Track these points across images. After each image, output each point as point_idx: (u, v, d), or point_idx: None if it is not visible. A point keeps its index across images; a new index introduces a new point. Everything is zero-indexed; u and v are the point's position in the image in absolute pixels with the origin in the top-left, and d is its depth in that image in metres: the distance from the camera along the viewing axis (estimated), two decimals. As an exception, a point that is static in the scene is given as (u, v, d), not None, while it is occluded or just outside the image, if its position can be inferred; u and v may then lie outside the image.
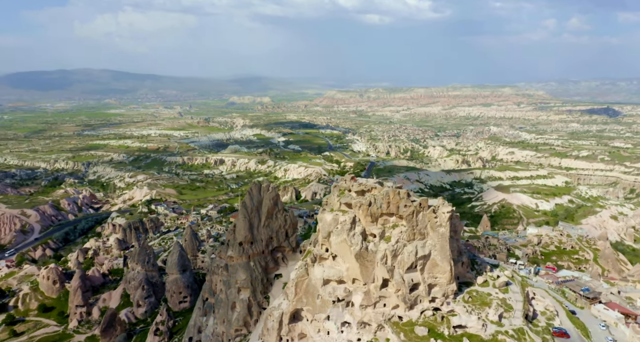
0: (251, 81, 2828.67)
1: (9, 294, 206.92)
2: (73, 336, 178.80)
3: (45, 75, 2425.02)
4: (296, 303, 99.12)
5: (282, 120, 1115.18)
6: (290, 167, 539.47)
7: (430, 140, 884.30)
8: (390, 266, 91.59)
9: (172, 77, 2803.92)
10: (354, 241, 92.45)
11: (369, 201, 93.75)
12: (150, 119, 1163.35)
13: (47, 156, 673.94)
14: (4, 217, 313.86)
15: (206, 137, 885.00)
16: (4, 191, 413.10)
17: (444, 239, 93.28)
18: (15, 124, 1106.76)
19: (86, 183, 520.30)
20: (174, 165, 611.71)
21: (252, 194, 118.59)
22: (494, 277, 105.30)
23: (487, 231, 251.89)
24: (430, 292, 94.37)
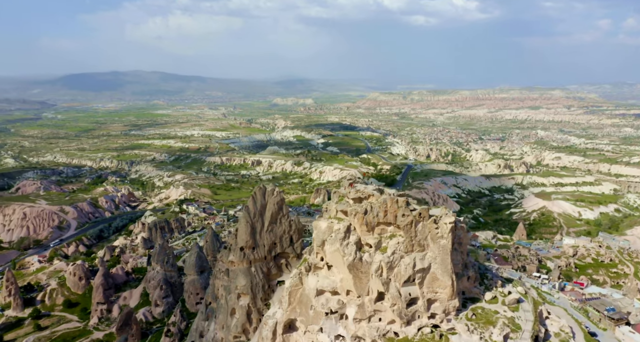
0: (295, 83, 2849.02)
1: (37, 289, 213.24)
2: (92, 332, 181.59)
3: (98, 76, 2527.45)
4: (290, 313, 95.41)
5: (322, 122, 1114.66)
6: (326, 169, 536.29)
7: (474, 143, 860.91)
8: (385, 278, 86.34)
9: (217, 78, 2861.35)
10: (347, 251, 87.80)
11: (365, 209, 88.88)
12: (195, 120, 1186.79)
13: (93, 155, 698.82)
14: (43, 214, 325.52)
15: (247, 138, 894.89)
16: (48, 188, 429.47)
17: (445, 251, 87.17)
18: (67, 123, 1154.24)
19: (127, 182, 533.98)
20: (213, 165, 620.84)
21: (255, 198, 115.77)
22: (504, 293, 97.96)
23: (520, 240, 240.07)
24: (430, 308, 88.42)
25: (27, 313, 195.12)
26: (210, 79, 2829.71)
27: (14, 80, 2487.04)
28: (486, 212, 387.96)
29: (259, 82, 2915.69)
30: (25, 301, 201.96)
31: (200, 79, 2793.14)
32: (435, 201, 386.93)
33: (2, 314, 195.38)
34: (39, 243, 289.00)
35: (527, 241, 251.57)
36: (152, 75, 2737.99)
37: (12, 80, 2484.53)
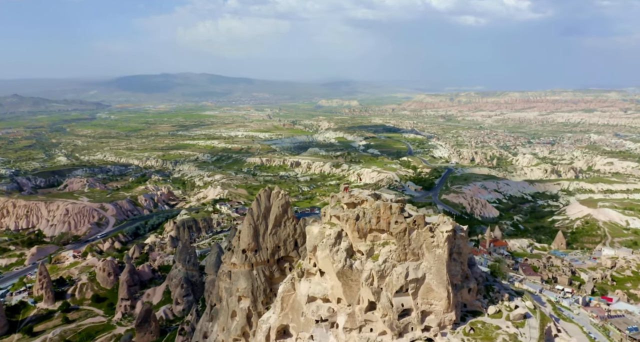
0: (341, 85, 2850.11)
1: (69, 283, 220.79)
2: (115, 327, 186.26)
3: (150, 78, 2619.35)
4: (282, 318, 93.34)
5: (366, 124, 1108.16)
6: (364, 172, 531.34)
7: (522, 147, 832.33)
8: (376, 287, 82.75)
9: (265, 80, 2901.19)
10: (337, 258, 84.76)
11: (357, 215, 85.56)
12: (240, 121, 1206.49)
13: (140, 154, 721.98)
14: (84, 210, 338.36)
15: (289, 139, 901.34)
16: (93, 185, 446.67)
17: (441, 261, 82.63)
18: (119, 123, 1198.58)
19: (169, 181, 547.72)
20: (253, 166, 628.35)
21: (260, 201, 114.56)
22: (510, 307, 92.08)
23: (556, 250, 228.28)
24: (424, 320, 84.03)
25: (57, 306, 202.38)
26: (257, 80, 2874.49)
27: (72, 82, 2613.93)
28: (527, 218, 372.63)
29: (305, 83, 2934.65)
30: (57, 294, 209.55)
31: (248, 80, 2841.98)
32: (473, 206, 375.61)
33: (34, 306, 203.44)
34: (77, 239, 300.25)
35: (565, 250, 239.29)
36: (201, 77, 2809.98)
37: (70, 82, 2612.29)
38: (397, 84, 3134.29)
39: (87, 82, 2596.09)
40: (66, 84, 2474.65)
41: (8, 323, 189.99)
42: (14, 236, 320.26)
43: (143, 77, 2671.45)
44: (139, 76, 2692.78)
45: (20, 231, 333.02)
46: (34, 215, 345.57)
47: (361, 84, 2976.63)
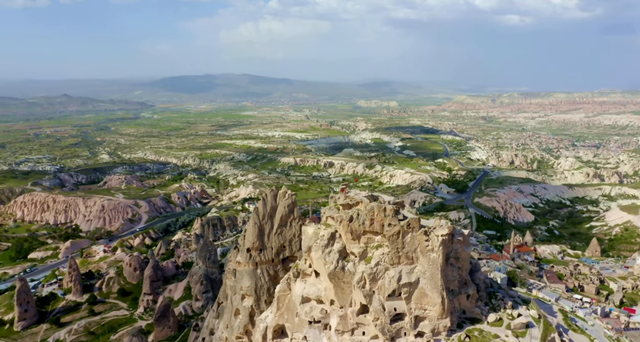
0: (380, 85, 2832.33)
1: (97, 277, 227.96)
2: (137, 320, 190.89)
3: (193, 79, 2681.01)
4: (278, 318, 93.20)
5: (403, 125, 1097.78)
6: (397, 173, 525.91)
7: (565, 150, 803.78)
8: (368, 290, 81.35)
9: (304, 81, 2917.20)
10: (329, 259, 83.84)
11: (351, 216, 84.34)
12: (278, 121, 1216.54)
13: (179, 153, 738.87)
14: (118, 206, 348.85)
15: (325, 139, 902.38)
16: (130, 182, 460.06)
17: (435, 266, 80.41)
18: (161, 123, 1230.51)
19: (205, 179, 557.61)
20: (287, 165, 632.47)
21: (266, 200, 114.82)
22: (512, 315, 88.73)
23: (587, 258, 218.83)
24: (418, 326, 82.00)
25: (84, 298, 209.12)
26: (297, 81, 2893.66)
27: (119, 82, 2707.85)
28: (564, 224, 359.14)
29: (344, 84, 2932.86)
30: (85, 287, 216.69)
31: (288, 81, 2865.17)
32: (506, 210, 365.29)
33: (63, 298, 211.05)
34: (110, 234, 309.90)
35: (598, 258, 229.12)
36: (242, 78, 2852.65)
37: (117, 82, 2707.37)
38: (437, 84, 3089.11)
39: (132, 82, 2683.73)
40: (113, 85, 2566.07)
41: (38, 313, 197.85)
42: (52, 230, 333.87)
43: (186, 77, 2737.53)
44: (183, 77, 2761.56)
45: (58, 225, 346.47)
46: (72, 210, 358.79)
47: (401, 85, 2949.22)
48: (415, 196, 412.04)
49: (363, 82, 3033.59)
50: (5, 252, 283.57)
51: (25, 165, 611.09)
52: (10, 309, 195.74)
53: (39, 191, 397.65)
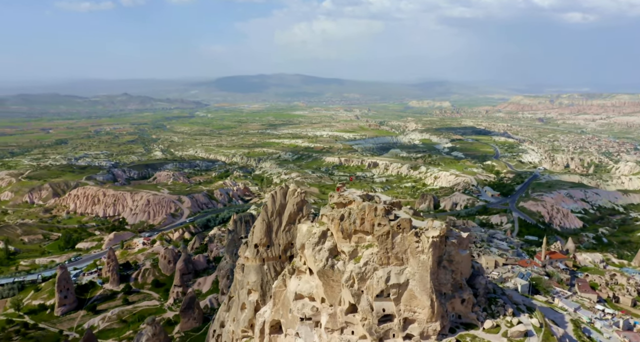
0: (433, 85, 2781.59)
1: (133, 267, 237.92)
2: (166, 311, 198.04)
3: (246, 79, 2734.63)
4: (274, 314, 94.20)
5: (455, 126, 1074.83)
6: (441, 175, 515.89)
7: (626, 154, 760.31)
8: (357, 290, 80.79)
9: (356, 81, 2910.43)
10: (318, 257, 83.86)
11: (342, 215, 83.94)
12: (327, 121, 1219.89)
13: (227, 151, 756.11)
14: (162, 201, 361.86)
15: (372, 140, 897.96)
16: (177, 178, 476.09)
17: (424, 268, 78.77)
18: (214, 121, 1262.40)
19: (250, 177, 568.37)
20: (332, 165, 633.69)
21: (275, 198, 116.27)
22: (511, 323, 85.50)
23: (630, 268, 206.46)
24: (406, 328, 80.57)
25: (120, 288, 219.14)
26: (348, 81, 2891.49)
27: (176, 82, 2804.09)
28: (614, 232, 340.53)
29: (396, 84, 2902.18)
30: (122, 277, 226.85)
31: (339, 81, 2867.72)
32: (552, 216, 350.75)
33: (101, 287, 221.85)
34: (152, 227, 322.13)
35: None
36: (294, 77, 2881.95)
37: (174, 82, 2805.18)
38: (493, 84, 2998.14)
39: (189, 82, 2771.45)
40: (170, 84, 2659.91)
41: (77, 300, 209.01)
42: (101, 222, 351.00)
43: (240, 77, 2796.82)
44: (237, 77, 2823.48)
45: (107, 218, 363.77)
46: (120, 204, 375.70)
47: (455, 85, 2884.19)
48: (457, 199, 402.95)
49: (415, 82, 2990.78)
50: (55, 242, 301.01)
51: (83, 160, 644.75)
52: (53, 295, 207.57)
53: (92, 185, 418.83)
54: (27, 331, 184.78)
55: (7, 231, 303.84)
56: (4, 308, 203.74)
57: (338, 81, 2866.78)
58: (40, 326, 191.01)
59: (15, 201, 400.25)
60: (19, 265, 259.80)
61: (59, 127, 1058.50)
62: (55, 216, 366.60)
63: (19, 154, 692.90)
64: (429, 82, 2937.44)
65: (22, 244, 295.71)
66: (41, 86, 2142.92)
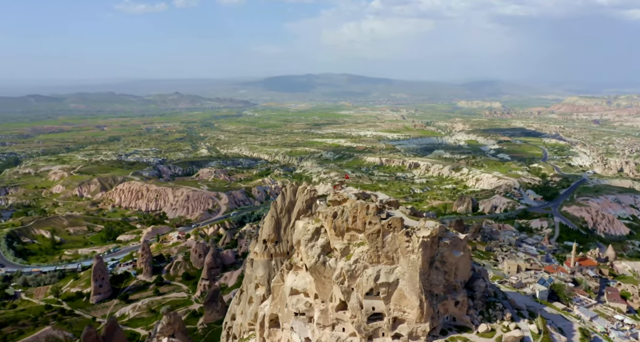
0: (483, 85, 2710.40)
1: (166, 260, 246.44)
2: (192, 303, 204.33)
3: (294, 79, 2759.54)
4: (273, 308, 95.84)
5: (503, 127, 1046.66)
6: (483, 177, 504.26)
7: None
8: (347, 287, 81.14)
9: (404, 81, 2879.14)
10: (311, 253, 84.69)
11: (335, 212, 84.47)
12: (372, 121, 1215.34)
13: (270, 149, 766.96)
14: (201, 197, 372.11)
15: (416, 140, 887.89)
16: (218, 175, 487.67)
17: (414, 268, 78.18)
18: (260, 120, 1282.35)
19: (290, 176, 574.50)
20: (372, 165, 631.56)
21: (285, 195, 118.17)
22: (507, 328, 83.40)
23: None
24: (396, 328, 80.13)
25: (153, 279, 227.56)
26: (396, 81, 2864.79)
27: (226, 81, 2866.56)
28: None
29: (445, 84, 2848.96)
30: (155, 269, 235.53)
31: (387, 81, 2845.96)
32: (596, 222, 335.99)
33: (134, 277, 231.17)
34: (189, 222, 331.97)
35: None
36: (341, 77, 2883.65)
37: (224, 81, 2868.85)
38: (547, 84, 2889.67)
39: (238, 82, 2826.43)
40: (220, 84, 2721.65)
41: (111, 289, 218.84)
42: (143, 216, 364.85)
43: (288, 77, 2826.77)
44: (285, 77, 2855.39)
45: (149, 212, 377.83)
46: (162, 199, 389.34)
47: (506, 85, 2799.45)
48: (497, 201, 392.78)
49: (465, 81, 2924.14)
50: (98, 234, 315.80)
51: (132, 156, 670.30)
52: (90, 284, 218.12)
53: (137, 180, 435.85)
54: (64, 316, 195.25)
55: (55, 222, 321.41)
56: (45, 294, 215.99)
57: (386, 81, 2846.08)
58: (76, 312, 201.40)
59: (65, 194, 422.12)
60: (62, 254, 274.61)
61: (112, 125, 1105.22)
62: (101, 209, 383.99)
63: (74, 150, 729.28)
64: (479, 82, 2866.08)
65: (68, 234, 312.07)
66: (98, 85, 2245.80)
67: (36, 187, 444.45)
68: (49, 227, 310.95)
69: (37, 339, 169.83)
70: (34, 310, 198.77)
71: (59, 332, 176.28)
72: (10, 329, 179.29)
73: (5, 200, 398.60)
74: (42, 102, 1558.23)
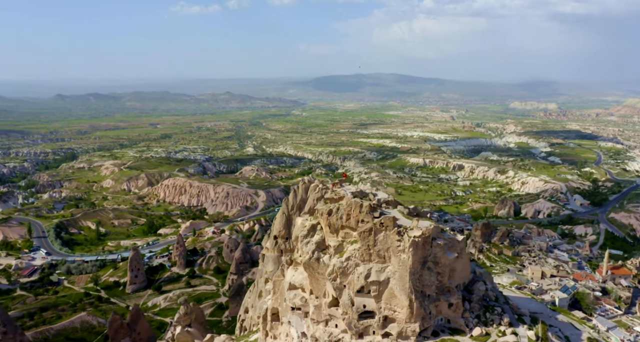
0: (539, 86, 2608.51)
1: (200, 254, 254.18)
2: (220, 296, 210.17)
3: (343, 79, 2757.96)
4: (274, 302, 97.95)
5: (557, 129, 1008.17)
6: (529, 180, 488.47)
7: None
8: (339, 284, 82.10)
9: (455, 81, 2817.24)
10: (305, 249, 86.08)
11: (330, 210, 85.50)
12: (419, 121, 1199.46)
13: (315, 149, 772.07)
14: (240, 194, 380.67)
15: (464, 141, 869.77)
16: (259, 173, 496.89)
17: (404, 267, 78.13)
18: (307, 120, 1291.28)
19: (331, 175, 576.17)
20: (415, 166, 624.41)
21: (296, 192, 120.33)
22: (503, 333, 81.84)
23: None
24: (386, 326, 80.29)
25: (186, 272, 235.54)
26: (447, 81, 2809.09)
27: (275, 81, 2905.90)
28: None
29: (499, 84, 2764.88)
30: (188, 262, 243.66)
31: (438, 81, 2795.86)
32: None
33: (169, 269, 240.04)
34: (226, 218, 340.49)
35: None
36: (391, 77, 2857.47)
37: (274, 81, 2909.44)
38: (608, 85, 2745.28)
39: (288, 81, 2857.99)
40: (270, 83, 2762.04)
41: (147, 280, 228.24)
42: (185, 211, 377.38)
43: (337, 77, 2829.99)
44: (334, 76, 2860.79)
45: (191, 207, 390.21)
46: (203, 195, 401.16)
47: (563, 86, 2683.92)
48: (540, 206, 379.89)
49: (519, 82, 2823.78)
50: (140, 227, 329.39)
51: (181, 154, 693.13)
52: (127, 274, 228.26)
53: (182, 176, 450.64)
54: (100, 304, 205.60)
55: (101, 215, 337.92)
56: (85, 282, 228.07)
57: (436, 81, 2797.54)
58: (112, 300, 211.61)
59: (115, 188, 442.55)
60: (106, 245, 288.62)
61: (165, 123, 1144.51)
62: (147, 204, 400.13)
63: (127, 147, 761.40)
64: (534, 82, 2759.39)
65: (113, 227, 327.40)
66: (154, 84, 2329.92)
67: (88, 181, 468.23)
68: (95, 219, 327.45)
69: (72, 323, 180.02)
70: (74, 296, 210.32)
71: (93, 318, 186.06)
72: (50, 313, 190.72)
73: (60, 193, 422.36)
74: (100, 101, 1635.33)
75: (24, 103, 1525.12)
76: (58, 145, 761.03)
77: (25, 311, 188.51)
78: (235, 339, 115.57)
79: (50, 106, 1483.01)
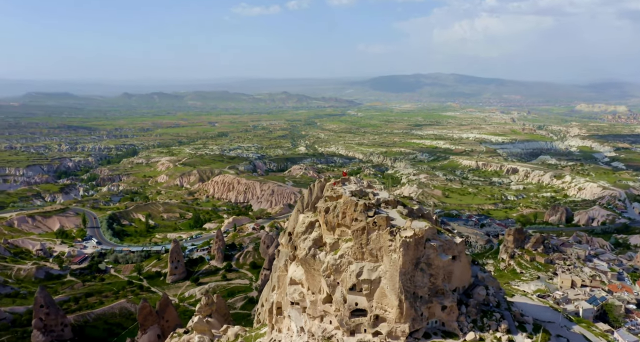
0: (608, 87, 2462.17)
1: (238, 249, 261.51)
2: (252, 290, 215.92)
3: (401, 79, 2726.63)
4: (278, 296, 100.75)
5: (625, 133, 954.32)
6: (587, 186, 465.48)
7: None
8: (332, 281, 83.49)
9: (518, 81, 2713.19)
10: (302, 245, 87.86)
11: (327, 208, 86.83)
12: (477, 123, 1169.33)
13: (366, 149, 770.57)
14: (284, 192, 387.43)
15: (522, 144, 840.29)
16: (307, 172, 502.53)
17: (395, 267, 78.29)
18: (362, 120, 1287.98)
19: (380, 176, 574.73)
20: (467, 169, 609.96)
21: (312, 190, 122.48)
22: (499, 339, 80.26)
23: None
24: (377, 325, 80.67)
25: (223, 265, 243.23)
26: (510, 81, 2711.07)
27: (332, 81, 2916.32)
28: None
29: (564, 85, 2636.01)
30: (226, 256, 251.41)
31: (500, 81, 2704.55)
32: None
33: (207, 262, 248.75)
34: (268, 215, 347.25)
35: None
36: (450, 77, 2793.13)
37: (331, 81, 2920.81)
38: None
39: (345, 81, 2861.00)
40: (327, 83, 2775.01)
41: (186, 271, 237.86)
42: (231, 207, 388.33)
43: (395, 77, 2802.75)
44: (392, 76, 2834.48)
45: (237, 203, 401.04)
46: (250, 192, 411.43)
47: (635, 87, 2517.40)
48: (594, 213, 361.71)
49: (587, 83, 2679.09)
50: (187, 221, 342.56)
51: (235, 152, 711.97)
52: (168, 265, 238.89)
53: (231, 173, 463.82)
54: (141, 292, 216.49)
55: (152, 208, 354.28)
56: (130, 271, 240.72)
57: (498, 81, 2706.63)
58: (152, 289, 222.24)
59: (168, 183, 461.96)
60: (153, 237, 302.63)
61: (223, 121, 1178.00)
62: (197, 199, 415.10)
63: (185, 144, 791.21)
64: (602, 83, 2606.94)
65: (162, 220, 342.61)
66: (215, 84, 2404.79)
67: (145, 175, 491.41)
68: (145, 212, 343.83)
69: (112, 309, 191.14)
70: (118, 284, 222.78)
71: (131, 305, 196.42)
72: (95, 299, 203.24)
73: (117, 186, 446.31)
74: (164, 100, 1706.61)
75: (93, 101, 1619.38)
76: (121, 142, 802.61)
77: (72, 296, 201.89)
78: (247, 330, 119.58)
79: (117, 104, 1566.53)
